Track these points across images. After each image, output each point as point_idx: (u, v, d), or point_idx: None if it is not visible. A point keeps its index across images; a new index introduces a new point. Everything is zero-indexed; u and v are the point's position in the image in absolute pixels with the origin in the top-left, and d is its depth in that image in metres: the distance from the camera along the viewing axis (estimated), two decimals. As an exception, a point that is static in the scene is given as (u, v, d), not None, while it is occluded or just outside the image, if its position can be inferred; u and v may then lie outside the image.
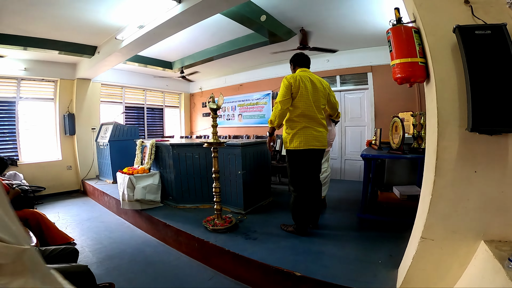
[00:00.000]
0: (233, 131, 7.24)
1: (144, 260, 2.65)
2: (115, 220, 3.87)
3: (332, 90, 2.80)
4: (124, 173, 3.58)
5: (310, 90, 2.46)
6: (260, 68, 6.57)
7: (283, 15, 3.72)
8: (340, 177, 5.49)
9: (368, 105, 5.12)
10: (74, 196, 5.46)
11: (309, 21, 3.90)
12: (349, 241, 2.47)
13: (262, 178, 3.60)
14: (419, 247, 1.44)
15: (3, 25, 3.57)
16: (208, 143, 2.74)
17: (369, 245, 2.34)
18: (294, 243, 2.41)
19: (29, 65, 5.09)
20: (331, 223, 2.89)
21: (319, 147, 2.49)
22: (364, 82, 5.14)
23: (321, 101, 2.55)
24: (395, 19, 1.57)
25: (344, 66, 5.33)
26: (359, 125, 5.28)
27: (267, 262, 2.06)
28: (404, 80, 1.52)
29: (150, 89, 7.51)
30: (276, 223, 2.86)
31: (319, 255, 2.19)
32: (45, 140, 5.59)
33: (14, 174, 4.51)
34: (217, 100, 2.74)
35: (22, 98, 5.22)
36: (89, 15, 3.45)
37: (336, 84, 5.47)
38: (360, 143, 5.20)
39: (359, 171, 5.08)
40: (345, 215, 3.11)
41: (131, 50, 4.14)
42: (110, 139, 5.11)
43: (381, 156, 2.81)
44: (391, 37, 1.54)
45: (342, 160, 5.50)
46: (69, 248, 1.91)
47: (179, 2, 2.80)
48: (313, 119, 2.46)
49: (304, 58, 2.68)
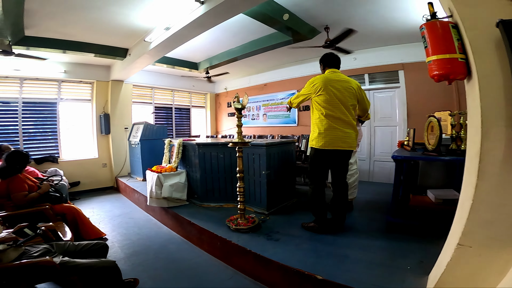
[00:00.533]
0: (258, 131, 7.24)
1: (168, 257, 2.72)
2: (143, 217, 4.03)
3: (364, 91, 2.70)
4: (153, 171, 3.70)
5: (336, 91, 2.43)
6: (284, 67, 6.51)
7: (306, 13, 3.65)
8: (368, 179, 5.27)
9: (400, 104, 4.86)
10: (108, 192, 5.78)
11: (333, 18, 3.79)
12: (376, 245, 2.35)
13: (287, 178, 3.56)
14: (454, 254, 1.37)
15: (43, 29, 3.84)
16: (233, 143, 2.74)
17: (397, 250, 2.22)
18: (316, 246, 2.35)
19: (68, 68, 5.49)
20: (357, 226, 2.79)
21: (345, 148, 2.46)
22: (395, 80, 4.89)
23: (350, 101, 2.49)
24: (429, 14, 1.48)
25: (373, 64, 5.12)
26: (390, 125, 5.03)
27: (288, 263, 2.03)
28: (442, 78, 1.41)
29: (177, 89, 7.75)
30: (299, 224, 2.81)
31: (342, 259, 2.11)
32: (83, 139, 5.98)
33: (54, 171, 4.86)
34: (242, 100, 2.74)
35: (62, 99, 5.64)
36: (120, 18, 3.63)
37: (364, 83, 5.26)
38: (391, 144, 4.95)
39: (389, 173, 4.85)
40: (373, 218, 2.98)
41: (159, 52, 4.28)
42: (141, 138, 5.32)
43: (415, 158, 2.64)
44: (426, 32, 1.45)
45: (371, 161, 5.27)
46: (100, 243, 2.01)
47: (202, 3, 2.84)
48: (340, 119, 2.43)
49: (333, 59, 2.65)
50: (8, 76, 4.89)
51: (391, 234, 2.54)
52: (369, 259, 2.08)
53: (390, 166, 4.80)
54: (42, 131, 5.43)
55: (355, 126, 2.52)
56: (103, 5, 3.21)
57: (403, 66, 4.75)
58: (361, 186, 4.45)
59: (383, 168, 5.08)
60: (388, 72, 4.96)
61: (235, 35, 4.52)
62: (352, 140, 2.49)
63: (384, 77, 5.05)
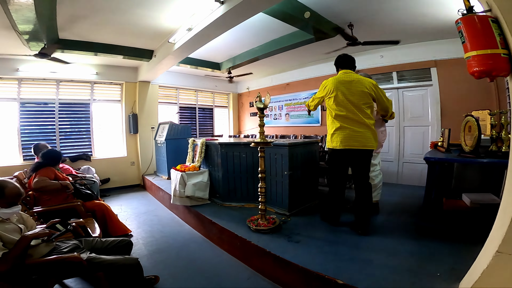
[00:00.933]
0: (280, 130, 7.18)
1: (189, 256, 2.77)
2: (167, 215, 4.14)
3: (382, 89, 2.63)
4: (177, 170, 3.79)
5: (346, 90, 2.48)
6: (307, 66, 6.40)
7: (328, 11, 3.54)
8: (397, 181, 5.03)
9: (433, 103, 4.57)
10: (135, 190, 6.03)
11: (357, 16, 3.64)
12: (403, 250, 2.23)
13: (309, 179, 3.49)
14: (492, 262, 1.30)
15: (76, 32, 4.05)
16: (255, 143, 2.72)
17: (427, 256, 2.09)
18: (339, 249, 2.27)
19: (99, 70, 5.79)
20: (384, 229, 2.67)
21: (357, 147, 2.48)
22: (427, 78, 4.61)
23: (362, 101, 2.49)
24: (465, 8, 1.40)
25: (401, 62, 4.87)
26: (421, 125, 4.75)
27: (308, 266, 1.98)
28: (483, 74, 1.32)
29: (201, 90, 7.90)
30: (321, 226, 2.74)
31: (366, 264, 2.02)
32: (113, 138, 6.28)
33: (87, 168, 5.15)
34: (264, 99, 2.72)
35: (95, 100, 5.96)
36: (144, 20, 3.74)
37: (392, 81, 5.03)
38: (422, 145, 4.68)
39: (420, 175, 4.59)
40: (401, 222, 2.84)
41: (182, 53, 4.37)
42: (166, 138, 5.47)
43: (449, 159, 2.46)
44: (463, 27, 1.38)
45: (399, 163, 5.01)
46: (125, 240, 2.09)
47: (222, 3, 2.85)
48: (350, 119, 2.48)
49: (345, 60, 2.70)
50: (45, 78, 5.25)
51: (421, 239, 2.41)
52: (396, 264, 1.98)
53: (421, 168, 4.55)
54: (77, 131, 5.78)
55: (369, 125, 2.50)
56: (128, 7, 3.33)
57: (436, 63, 4.48)
58: (388, 188, 4.33)
59: (413, 170, 4.81)
60: (418, 69, 4.70)
61: (256, 34, 4.50)
62: (366, 139, 2.48)
63: (414, 75, 4.79)
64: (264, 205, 2.77)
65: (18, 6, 2.60)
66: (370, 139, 2.50)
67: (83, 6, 3.21)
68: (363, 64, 5.26)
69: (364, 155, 2.54)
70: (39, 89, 5.28)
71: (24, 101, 5.12)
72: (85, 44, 4.47)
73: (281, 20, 3.53)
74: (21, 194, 1.74)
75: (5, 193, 1.62)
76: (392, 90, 5.02)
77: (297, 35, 4.34)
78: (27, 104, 5.17)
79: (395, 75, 5.00)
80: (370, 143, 2.50)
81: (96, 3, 3.17)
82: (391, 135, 5.03)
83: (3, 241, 1.50)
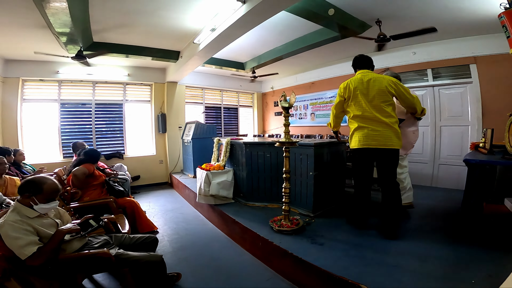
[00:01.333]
0: (306, 130, 7.06)
1: (211, 254, 2.80)
2: (192, 213, 4.24)
3: (404, 86, 2.52)
4: (203, 169, 3.85)
5: (363, 90, 2.47)
6: (333, 64, 6.23)
7: (353, 7, 3.43)
8: (431, 184, 4.72)
9: (473, 102, 4.24)
10: (163, 187, 6.24)
11: (385, 11, 3.48)
12: (435, 255, 2.08)
13: (335, 180, 3.39)
14: None
15: (108, 34, 4.27)
16: (280, 143, 2.69)
17: (462, 262, 1.95)
18: (365, 253, 2.17)
19: (131, 71, 6.09)
20: (415, 234, 2.52)
21: (376, 146, 2.44)
22: (466, 75, 4.29)
23: (380, 99, 2.44)
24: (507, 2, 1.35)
25: (436, 58, 4.58)
26: (460, 125, 4.41)
27: (330, 270, 1.91)
28: None
29: (226, 89, 8.00)
30: (347, 229, 2.65)
31: (394, 269, 1.91)
32: (143, 137, 6.57)
33: (120, 166, 5.43)
34: (289, 98, 2.68)
35: (127, 100, 6.28)
36: (170, 22, 3.85)
37: (427, 79, 4.74)
38: (461, 146, 4.36)
39: (457, 178, 4.29)
40: (434, 227, 2.68)
41: (207, 53, 4.43)
42: (192, 137, 5.60)
43: (492, 162, 2.28)
44: (507, 21, 1.31)
45: (434, 164, 4.70)
46: (152, 237, 2.16)
47: (244, 2, 2.86)
48: (368, 118, 2.46)
49: (362, 60, 2.70)
50: (82, 80, 5.63)
51: (457, 244, 2.25)
52: (426, 270, 1.86)
53: (459, 171, 4.24)
54: (111, 130, 6.12)
55: (389, 123, 2.42)
56: (153, 10, 3.44)
57: (475, 60, 4.16)
58: (422, 191, 4.13)
59: (450, 173, 4.49)
60: (456, 66, 4.39)
61: (280, 33, 4.46)
62: (385, 138, 2.41)
63: (451, 72, 4.47)
64: (288, 205, 2.73)
65: (54, 10, 2.78)
66: (390, 138, 2.41)
67: (112, 9, 3.37)
68: (394, 62, 5.03)
69: (386, 154, 2.46)
70: (77, 90, 5.67)
71: (64, 102, 5.53)
72: (117, 46, 4.72)
73: (305, 18, 3.47)
74: (58, 190, 1.79)
75: (44, 189, 1.68)
76: (427, 88, 4.74)
77: (321, 33, 4.25)
78: (67, 105, 5.58)
79: (429, 72, 4.71)
80: (390, 141, 2.41)
81: (123, 6, 3.31)
82: (426, 135, 4.74)
83: (39, 235, 1.58)
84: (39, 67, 5.11)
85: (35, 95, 5.30)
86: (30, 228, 1.56)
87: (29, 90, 5.23)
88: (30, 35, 3.84)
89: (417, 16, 3.56)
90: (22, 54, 4.75)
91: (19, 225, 1.52)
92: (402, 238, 2.40)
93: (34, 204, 1.64)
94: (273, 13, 2.95)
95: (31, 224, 1.58)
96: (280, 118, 7.95)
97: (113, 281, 2.23)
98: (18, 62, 4.97)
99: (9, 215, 1.56)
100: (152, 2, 3.23)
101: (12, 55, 4.75)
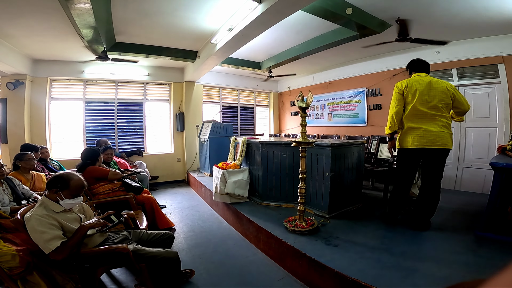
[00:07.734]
0: (323, 130, 6.96)
1: (225, 252, 2.82)
2: (207, 211, 4.30)
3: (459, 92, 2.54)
4: (219, 167, 3.88)
5: (424, 91, 2.48)
6: (351, 64, 6.09)
7: (372, 6, 3.34)
8: (454, 187, 4.53)
9: (501, 102, 4.03)
10: (180, 185, 6.38)
11: (406, 10, 3.37)
12: (456, 260, 2.01)
13: (353, 181, 3.31)
14: None
15: (129, 35, 4.41)
16: (297, 143, 2.66)
17: (484, 268, 1.87)
18: (381, 256, 2.11)
19: (151, 71, 6.27)
20: (436, 237, 2.44)
21: (431, 146, 2.45)
22: (494, 75, 4.08)
23: (441, 101, 2.48)
24: None
25: (461, 58, 4.39)
26: (487, 126, 4.20)
27: (344, 272, 1.88)
28: None
29: (242, 89, 8.04)
30: (363, 231, 2.59)
31: (410, 272, 1.85)
32: (162, 135, 6.74)
33: (140, 163, 5.60)
34: (306, 98, 2.65)
35: (148, 99, 6.47)
36: (187, 22, 3.92)
37: (452, 79, 4.53)
38: (488, 149, 4.15)
39: (483, 181, 4.10)
40: (456, 231, 2.58)
41: (224, 53, 4.47)
42: (209, 136, 5.67)
43: None
44: None
45: (459, 167, 4.50)
46: (168, 234, 2.20)
47: (260, 2, 2.85)
48: (424, 118, 2.49)
49: (420, 64, 2.72)
50: (106, 79, 5.86)
51: (479, 249, 2.16)
52: (445, 275, 1.78)
53: (484, 174, 4.05)
54: (132, 128, 6.34)
55: (446, 124, 2.48)
56: (171, 10, 3.51)
57: (504, 59, 3.95)
58: (445, 194, 3.93)
59: (475, 176, 4.28)
60: (483, 66, 4.18)
61: (297, 33, 4.42)
62: (442, 138, 2.45)
63: (478, 71, 4.27)
64: (303, 206, 2.71)
65: (79, 11, 2.91)
66: (446, 138, 2.47)
67: (132, 9, 3.47)
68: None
69: (439, 155, 2.50)
70: (101, 89, 5.92)
71: (89, 101, 5.79)
72: (138, 46, 4.87)
73: (322, 17, 3.43)
74: (84, 187, 1.85)
75: (70, 185, 1.75)
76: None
77: (339, 32, 4.17)
78: (91, 103, 5.83)
79: (454, 71, 4.52)
80: (445, 142, 2.47)
81: (143, 7, 3.40)
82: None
83: (64, 230, 1.65)
84: (65, 67, 5.37)
85: (62, 94, 5.58)
86: (56, 222, 1.62)
87: (56, 89, 5.52)
88: (56, 35, 4.02)
89: (440, 16, 3.43)
90: (49, 54, 4.98)
91: (45, 220, 1.58)
92: (422, 242, 2.34)
93: (60, 199, 1.71)
94: (289, 13, 2.93)
95: (56, 219, 1.64)
96: (296, 118, 7.88)
97: (128, 276, 2.30)
98: (46, 62, 5.24)
99: (36, 209, 1.62)
100: (171, 3, 3.30)
101: (40, 55, 4.99)
